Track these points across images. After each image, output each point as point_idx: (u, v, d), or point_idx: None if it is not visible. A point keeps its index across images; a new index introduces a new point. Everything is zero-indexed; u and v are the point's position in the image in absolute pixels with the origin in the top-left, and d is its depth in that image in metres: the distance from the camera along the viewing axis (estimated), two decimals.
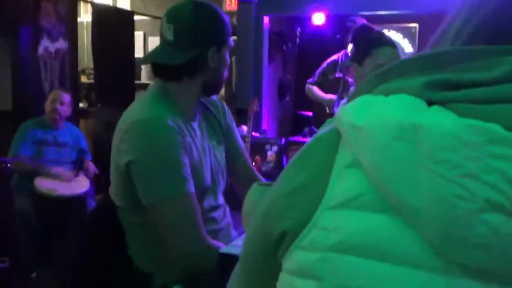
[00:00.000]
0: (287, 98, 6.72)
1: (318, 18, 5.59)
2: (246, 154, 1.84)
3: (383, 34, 1.99)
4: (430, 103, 0.52)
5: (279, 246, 0.64)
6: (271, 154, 4.74)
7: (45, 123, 3.74)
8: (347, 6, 5.18)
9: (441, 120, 0.49)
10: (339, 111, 0.60)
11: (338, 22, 5.61)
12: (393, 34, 6.66)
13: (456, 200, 0.47)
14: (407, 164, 0.50)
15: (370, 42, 1.94)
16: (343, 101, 3.82)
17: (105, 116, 4.65)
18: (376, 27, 3.99)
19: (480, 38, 0.57)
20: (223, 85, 1.64)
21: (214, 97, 1.71)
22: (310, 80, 4.25)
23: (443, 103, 0.51)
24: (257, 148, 4.62)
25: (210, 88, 1.57)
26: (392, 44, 1.95)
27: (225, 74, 1.58)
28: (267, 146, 4.76)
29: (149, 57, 1.55)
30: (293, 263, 0.61)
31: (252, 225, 0.72)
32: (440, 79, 0.52)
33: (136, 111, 1.49)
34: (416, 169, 0.49)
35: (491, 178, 0.45)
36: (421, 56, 0.57)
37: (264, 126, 5.60)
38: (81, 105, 5.76)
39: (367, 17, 4.18)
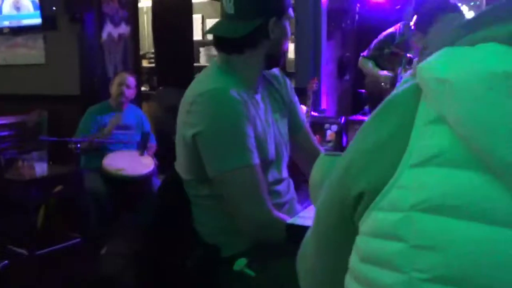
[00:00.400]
0: (347, 77, 6.60)
1: None
2: (309, 129, 1.83)
3: (446, 0, 1.91)
4: None
5: (356, 209, 0.62)
6: (330, 134, 4.68)
7: (110, 107, 3.86)
8: None
9: None
10: (420, 65, 0.57)
11: None
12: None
13: None
14: (501, 115, 0.47)
15: (434, 10, 1.87)
16: (405, 75, 3.70)
17: (167, 98, 4.75)
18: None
19: None
20: (285, 57, 1.63)
21: (276, 71, 1.70)
22: (365, 53, 4.12)
23: None
24: (317, 127, 4.57)
25: (272, 60, 1.57)
26: (456, 9, 1.88)
27: (287, 45, 1.57)
28: (327, 126, 4.71)
29: (211, 31, 1.56)
30: (372, 225, 0.59)
31: (326, 192, 0.71)
32: None
33: (200, 84, 1.50)
34: (510, 120, 0.47)
35: None
36: (503, 4, 0.54)
37: (324, 105, 5.53)
38: (143, 88, 5.91)
39: None
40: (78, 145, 3.52)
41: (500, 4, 0.55)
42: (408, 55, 3.71)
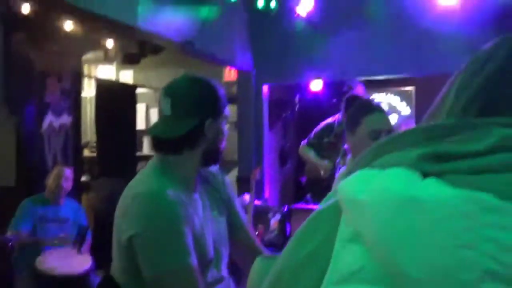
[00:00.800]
0: (288, 165, 6.74)
1: (316, 85, 5.72)
2: (248, 225, 1.83)
3: (371, 101, 2.06)
4: (425, 174, 0.54)
5: None
6: (274, 222, 4.69)
7: (46, 199, 3.74)
8: (344, 72, 5.31)
9: (437, 191, 0.51)
10: (339, 186, 0.61)
11: (336, 87, 5.74)
12: (390, 98, 6.79)
13: (455, 270, 0.47)
14: (408, 235, 0.50)
15: (360, 111, 1.98)
16: (343, 168, 3.83)
17: (108, 189, 4.66)
18: (373, 91, 4.08)
19: (472, 111, 0.60)
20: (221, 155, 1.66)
21: (214, 168, 1.72)
22: (305, 141, 4.27)
23: (437, 174, 0.53)
24: (260, 216, 4.58)
25: (209, 158, 1.59)
26: (380, 109, 2.00)
27: (223, 144, 1.61)
28: (270, 214, 4.73)
29: (149, 131, 1.59)
30: None
31: None
32: (434, 151, 0.55)
33: (138, 184, 1.50)
34: (416, 240, 0.50)
35: (487, 247, 0.46)
36: (415, 129, 0.60)
37: (266, 194, 5.59)
38: (83, 178, 5.78)
39: (364, 82, 4.27)
40: (10, 243, 3.34)
41: (409, 130, 0.61)
42: (345, 146, 3.86)
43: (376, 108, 1.99)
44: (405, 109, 6.76)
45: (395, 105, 6.80)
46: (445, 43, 4.94)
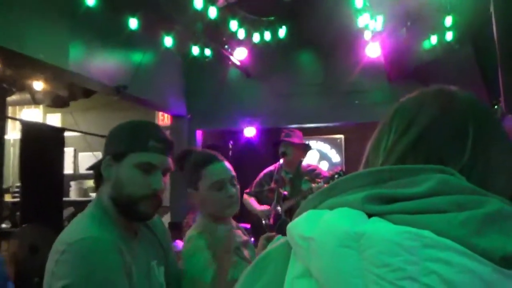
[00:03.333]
0: None
1: (249, 131, 5.80)
2: (182, 275, 1.78)
3: (207, 152, 1.89)
4: (370, 215, 0.58)
5: None
6: None
7: None
8: (276, 120, 5.45)
9: (381, 228, 0.55)
10: (288, 225, 0.64)
11: (268, 134, 5.84)
12: (320, 145, 7.00)
13: None
14: (353, 268, 0.54)
15: (197, 165, 1.81)
16: (279, 210, 3.87)
17: (31, 237, 4.40)
18: (304, 139, 4.19)
19: (411, 157, 0.65)
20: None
21: (155, 218, 1.66)
22: (247, 190, 4.29)
23: (380, 214, 0.57)
24: None
25: (121, 205, 1.44)
26: (218, 159, 1.82)
27: (133, 191, 1.42)
28: None
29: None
30: None
31: None
32: (377, 193, 0.59)
33: (73, 231, 1.41)
34: (361, 273, 0.53)
35: (429, 280, 0.50)
36: (359, 174, 0.64)
37: None
38: (3, 225, 5.44)
39: (296, 129, 4.38)
40: None
41: (355, 174, 0.64)
42: (282, 191, 3.93)
43: (214, 159, 1.82)
44: (335, 157, 6.97)
45: (326, 152, 7.00)
46: (371, 93, 5.21)
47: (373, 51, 4.51)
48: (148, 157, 1.42)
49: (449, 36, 4.30)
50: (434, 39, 4.38)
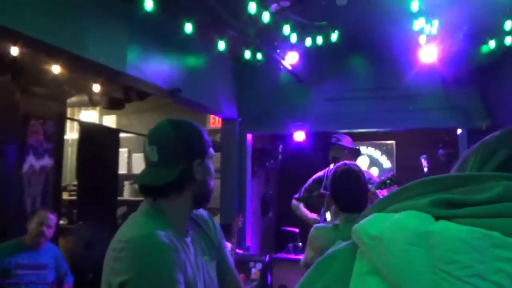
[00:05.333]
0: (270, 214, 6.72)
1: (299, 136, 5.80)
2: (236, 271, 1.82)
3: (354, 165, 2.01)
4: (436, 218, 0.59)
5: None
6: (255, 272, 4.63)
7: (25, 245, 3.62)
8: (326, 124, 5.42)
9: (449, 227, 0.56)
10: (355, 226, 0.66)
11: (318, 138, 5.82)
12: (370, 151, 6.91)
13: None
14: (421, 265, 0.55)
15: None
16: (328, 218, 3.84)
17: (86, 234, 4.56)
18: (354, 144, 4.14)
19: None
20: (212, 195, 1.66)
21: (204, 213, 1.72)
22: (296, 196, 4.28)
23: (448, 218, 0.58)
24: (241, 265, 4.53)
25: (200, 200, 1.59)
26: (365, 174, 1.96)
27: (212, 183, 1.61)
28: (251, 264, 4.67)
29: (137, 180, 1.57)
30: None
31: None
32: (444, 198, 0.61)
33: (130, 229, 1.48)
34: (429, 269, 0.54)
35: (497, 278, 0.51)
36: (424, 181, 0.66)
37: (248, 242, 5.53)
38: (61, 222, 5.66)
39: (346, 134, 4.35)
40: None
41: (421, 181, 0.66)
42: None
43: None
44: (386, 163, 6.86)
45: (376, 158, 6.90)
46: (425, 98, 5.09)
47: (428, 55, 4.42)
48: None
49: (508, 40, 4.16)
50: (492, 44, 4.25)
